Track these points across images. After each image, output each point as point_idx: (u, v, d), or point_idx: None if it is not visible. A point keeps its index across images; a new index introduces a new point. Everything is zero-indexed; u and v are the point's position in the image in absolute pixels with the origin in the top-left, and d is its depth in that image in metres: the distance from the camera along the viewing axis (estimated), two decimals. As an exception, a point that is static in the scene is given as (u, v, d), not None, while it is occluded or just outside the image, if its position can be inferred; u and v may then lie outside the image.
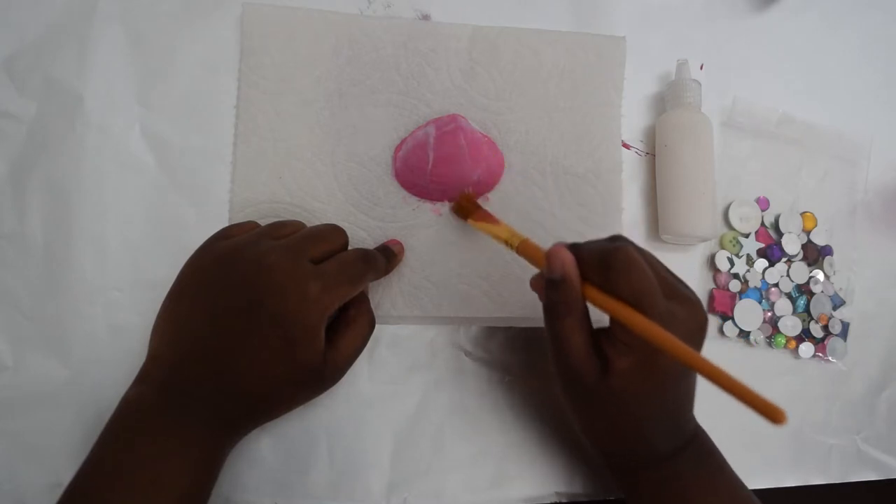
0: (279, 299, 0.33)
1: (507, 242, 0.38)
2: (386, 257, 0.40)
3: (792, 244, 0.49)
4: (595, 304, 0.32)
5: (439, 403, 0.43)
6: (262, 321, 0.33)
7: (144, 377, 0.34)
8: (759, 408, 0.27)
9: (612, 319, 0.33)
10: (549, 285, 0.33)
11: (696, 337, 0.33)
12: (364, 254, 0.38)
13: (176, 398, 0.33)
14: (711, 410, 0.36)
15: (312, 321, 0.33)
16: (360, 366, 0.43)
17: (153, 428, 0.32)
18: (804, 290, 0.49)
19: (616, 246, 0.32)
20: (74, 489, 0.31)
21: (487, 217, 0.41)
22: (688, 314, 0.33)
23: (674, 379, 0.34)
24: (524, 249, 0.36)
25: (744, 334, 0.47)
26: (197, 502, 0.33)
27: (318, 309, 0.34)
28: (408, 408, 0.43)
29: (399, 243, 0.43)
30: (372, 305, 0.41)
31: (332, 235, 0.38)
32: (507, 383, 0.44)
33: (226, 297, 0.34)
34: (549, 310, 0.34)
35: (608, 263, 0.31)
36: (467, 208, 0.42)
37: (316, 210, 0.43)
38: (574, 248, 0.33)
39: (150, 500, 0.31)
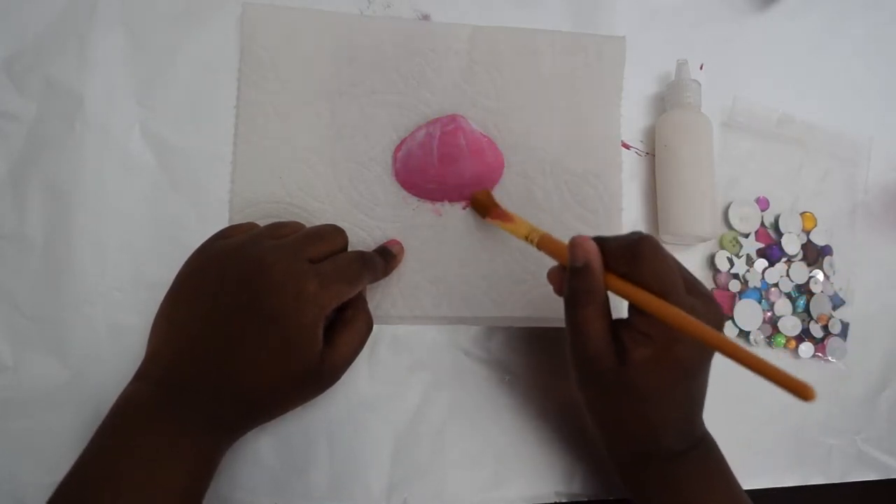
0: (277, 298, 0.33)
1: (526, 238, 0.38)
2: (385, 259, 0.41)
3: (792, 244, 0.49)
4: (619, 292, 0.33)
5: (439, 403, 0.43)
6: (259, 320, 0.33)
7: (142, 375, 0.34)
8: (789, 386, 0.27)
9: (630, 310, 0.34)
10: (571, 274, 0.33)
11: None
12: (362, 255, 0.38)
13: (173, 396, 0.33)
14: (712, 411, 0.36)
15: (309, 320, 0.33)
16: (360, 366, 0.43)
17: (149, 425, 0.32)
18: (804, 290, 0.49)
19: (643, 236, 0.33)
20: (70, 483, 0.31)
21: (504, 215, 0.42)
22: (707, 309, 0.33)
23: (690, 373, 0.34)
24: (545, 244, 0.37)
25: (743, 334, 0.47)
26: (192, 501, 0.33)
27: (315, 308, 0.34)
28: (408, 408, 0.43)
29: (399, 244, 0.43)
30: (372, 306, 0.41)
31: (332, 236, 0.38)
32: (507, 383, 0.44)
33: (224, 296, 0.34)
34: (570, 299, 0.34)
35: (635, 252, 0.32)
36: (485, 205, 0.43)
37: (316, 210, 0.43)
38: (597, 240, 0.34)
39: (146, 497, 0.31)
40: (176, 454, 0.32)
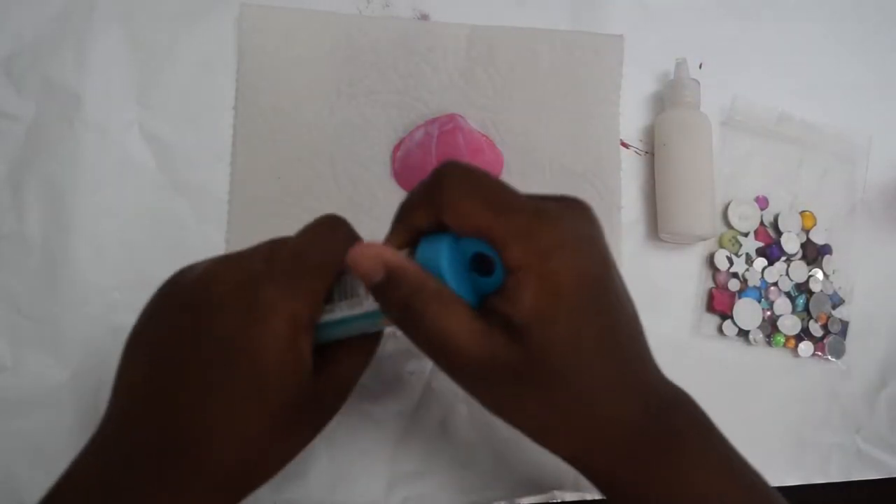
0: (223, 318, 0.25)
1: None
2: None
3: (791, 243, 0.49)
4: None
5: (439, 403, 0.43)
6: (209, 354, 0.25)
7: (89, 447, 0.26)
8: None
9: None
10: (378, 296, 0.25)
11: (589, 240, 0.25)
12: (329, 221, 0.28)
13: (119, 480, 0.24)
14: (709, 409, 0.36)
15: (277, 336, 0.24)
16: (360, 365, 0.43)
17: None
18: (803, 288, 0.49)
19: (438, 168, 0.25)
20: None
21: None
22: (567, 210, 0.25)
23: (595, 290, 0.24)
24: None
25: (743, 333, 0.47)
26: None
27: (283, 318, 0.25)
28: (406, 408, 0.43)
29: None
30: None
31: (315, 231, 0.28)
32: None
33: (166, 332, 0.26)
34: (403, 321, 0.24)
35: (432, 192, 0.24)
36: None
37: (314, 210, 0.43)
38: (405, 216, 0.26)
39: None
40: None
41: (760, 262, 0.48)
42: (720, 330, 0.47)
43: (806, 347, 0.48)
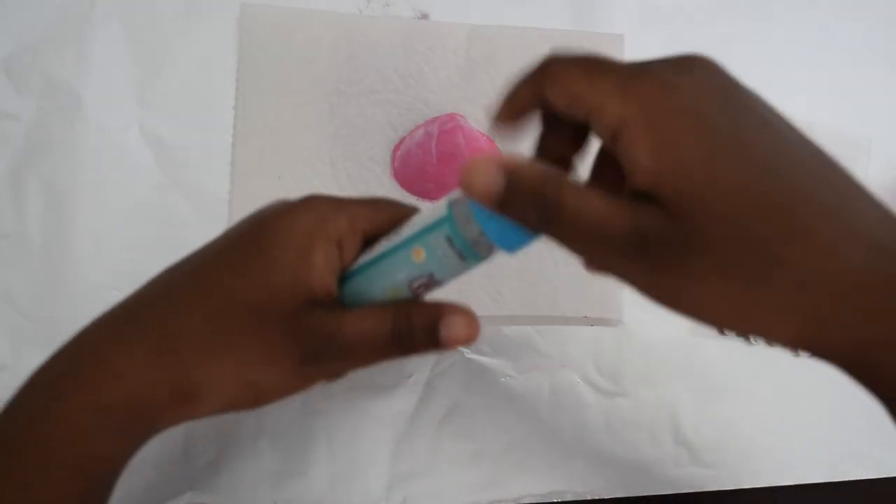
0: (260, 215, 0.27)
1: None
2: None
3: (791, 243, 0.49)
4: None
5: (438, 403, 0.43)
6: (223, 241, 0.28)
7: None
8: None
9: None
10: (507, 206, 0.22)
11: (699, 81, 0.22)
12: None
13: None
14: (705, 411, 0.36)
15: (295, 224, 0.25)
16: (360, 365, 0.43)
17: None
18: (804, 288, 0.49)
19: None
20: None
21: None
22: (673, 63, 0.23)
23: (716, 114, 0.21)
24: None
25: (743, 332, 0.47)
26: None
27: (311, 215, 0.26)
28: (407, 407, 0.43)
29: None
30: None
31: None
32: (507, 383, 0.44)
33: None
34: (542, 214, 0.22)
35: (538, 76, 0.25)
36: None
37: (315, 209, 0.43)
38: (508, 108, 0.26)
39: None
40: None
41: (760, 262, 0.48)
42: (720, 329, 0.47)
43: (806, 347, 0.48)
